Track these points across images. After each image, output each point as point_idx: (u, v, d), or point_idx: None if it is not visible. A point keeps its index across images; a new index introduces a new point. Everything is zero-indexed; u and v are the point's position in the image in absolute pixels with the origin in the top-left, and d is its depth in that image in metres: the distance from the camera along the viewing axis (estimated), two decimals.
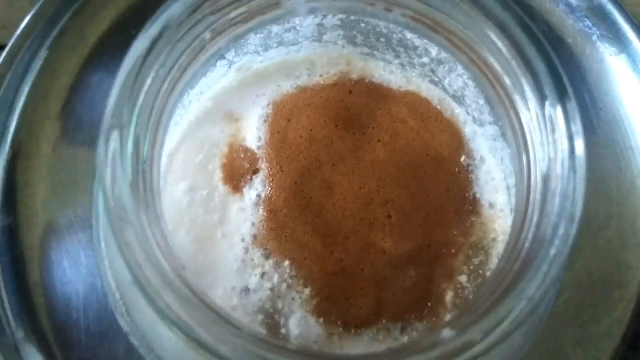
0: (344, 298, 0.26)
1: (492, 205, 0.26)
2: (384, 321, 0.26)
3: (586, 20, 0.43)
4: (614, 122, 0.41)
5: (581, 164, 0.18)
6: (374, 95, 0.29)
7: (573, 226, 0.17)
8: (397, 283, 0.26)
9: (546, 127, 0.18)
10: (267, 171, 0.28)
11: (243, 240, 0.27)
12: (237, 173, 0.28)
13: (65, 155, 0.39)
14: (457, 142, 0.28)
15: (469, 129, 0.27)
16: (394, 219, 0.27)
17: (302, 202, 0.27)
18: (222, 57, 0.25)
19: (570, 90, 0.19)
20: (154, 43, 0.17)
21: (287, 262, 0.26)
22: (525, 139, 0.20)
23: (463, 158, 0.28)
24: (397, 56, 0.27)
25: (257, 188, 0.28)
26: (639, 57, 0.40)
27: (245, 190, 0.28)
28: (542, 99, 0.19)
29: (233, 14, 0.20)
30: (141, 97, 0.17)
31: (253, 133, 0.29)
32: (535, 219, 0.18)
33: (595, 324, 0.37)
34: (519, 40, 0.20)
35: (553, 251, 0.17)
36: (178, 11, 0.18)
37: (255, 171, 0.28)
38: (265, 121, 0.29)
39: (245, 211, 0.27)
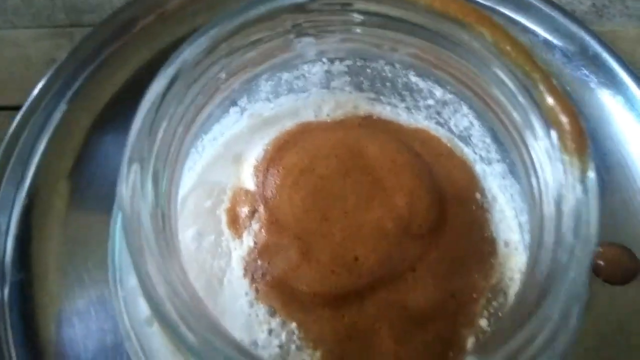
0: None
1: (506, 244, 0.26)
2: None
3: (582, 68, 0.44)
4: (618, 166, 0.41)
5: (592, 184, 0.18)
6: (383, 128, 0.28)
7: (589, 246, 0.17)
8: (418, 338, 0.24)
9: (555, 154, 0.19)
10: (262, 214, 0.26)
11: (247, 294, 0.25)
12: (238, 217, 0.27)
13: (77, 213, 0.40)
14: (471, 179, 0.27)
15: (478, 167, 0.28)
16: (419, 272, 0.25)
17: (304, 255, 0.25)
18: (235, 104, 0.26)
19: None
20: (172, 82, 0.18)
21: (293, 324, 0.24)
22: (535, 170, 0.20)
23: (478, 196, 0.27)
24: (403, 99, 0.28)
25: (254, 234, 0.26)
26: (636, 100, 0.41)
27: (245, 235, 0.27)
28: (549, 127, 0.19)
29: (246, 56, 0.21)
30: (160, 133, 0.18)
31: (250, 173, 0.28)
32: (550, 245, 0.18)
33: None
34: None
35: (571, 274, 0.17)
36: (195, 52, 0.19)
37: (253, 214, 0.27)
38: (262, 158, 0.28)
39: (245, 260, 0.26)
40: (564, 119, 0.18)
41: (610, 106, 0.42)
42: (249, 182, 0.28)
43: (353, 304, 0.24)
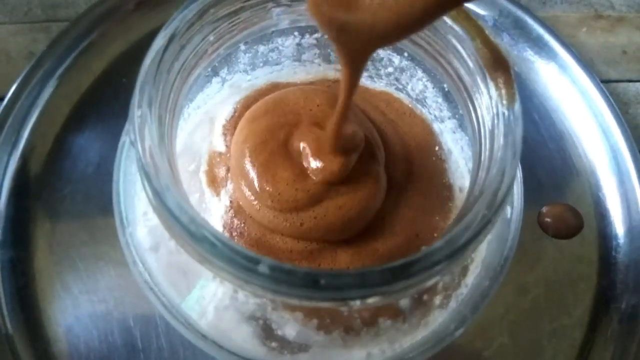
0: None
1: (461, 189, 0.29)
2: None
3: (528, 49, 0.49)
4: (563, 135, 0.46)
5: (518, 111, 0.21)
6: None
7: (516, 151, 0.20)
8: None
9: (491, 98, 0.22)
10: (231, 174, 0.28)
11: None
12: (216, 177, 0.28)
13: (61, 193, 0.42)
14: (430, 134, 0.30)
15: (434, 126, 0.31)
16: (387, 219, 0.27)
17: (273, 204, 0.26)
18: (217, 74, 0.29)
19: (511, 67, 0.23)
20: (170, 40, 0.21)
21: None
22: (477, 115, 0.24)
23: (437, 149, 0.30)
24: (366, 69, 0.32)
25: (230, 193, 0.28)
26: (577, 77, 0.46)
27: (222, 194, 0.28)
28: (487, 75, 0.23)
29: (231, 21, 0.24)
30: (161, 84, 0.20)
31: (220, 133, 0.29)
32: (486, 163, 0.21)
33: (566, 316, 0.40)
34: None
35: (499, 175, 0.20)
36: (187, 16, 0.22)
37: (228, 173, 0.28)
38: (230, 117, 0.29)
39: (223, 219, 0.27)
40: (495, 62, 0.22)
41: (553, 82, 0.47)
42: (220, 143, 0.29)
43: (327, 255, 0.26)
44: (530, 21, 0.49)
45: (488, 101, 0.22)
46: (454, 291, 0.24)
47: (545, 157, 0.45)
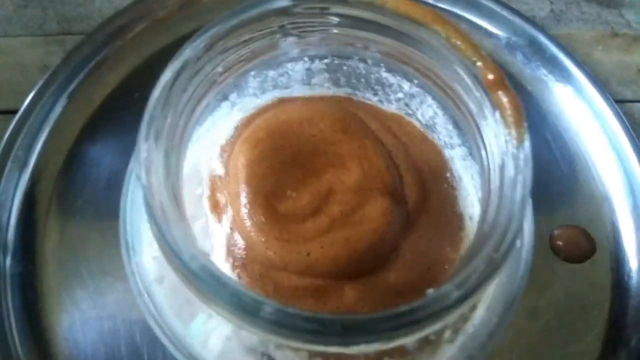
0: None
1: (470, 218, 0.29)
2: None
3: (541, 68, 0.48)
4: (575, 156, 0.45)
5: (528, 151, 0.21)
6: (363, 109, 0.30)
7: (524, 197, 0.20)
8: None
9: (499, 131, 0.22)
10: (228, 199, 0.27)
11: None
12: (218, 202, 0.28)
13: (72, 209, 0.42)
14: (441, 160, 0.30)
15: (445, 152, 0.31)
16: (401, 250, 0.26)
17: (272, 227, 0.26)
18: (226, 99, 0.29)
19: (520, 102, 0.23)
20: (178, 73, 0.21)
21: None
22: (485, 147, 0.23)
23: (448, 175, 0.30)
24: (376, 94, 0.32)
25: (231, 219, 0.27)
26: (590, 97, 0.45)
27: (224, 220, 0.27)
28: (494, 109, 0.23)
29: (239, 53, 0.24)
30: (168, 117, 0.20)
31: (217, 155, 0.29)
32: (495, 202, 0.21)
33: (577, 343, 0.40)
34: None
35: (508, 217, 0.20)
36: (196, 49, 0.22)
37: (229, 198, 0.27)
38: (230, 138, 0.29)
39: (225, 246, 0.27)
40: (504, 100, 0.22)
41: (567, 102, 0.47)
42: (218, 165, 0.29)
43: (334, 292, 0.25)
44: (544, 40, 0.48)
45: (498, 138, 0.22)
46: (463, 326, 0.24)
47: (557, 179, 0.44)
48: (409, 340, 0.19)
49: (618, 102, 0.48)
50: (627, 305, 0.40)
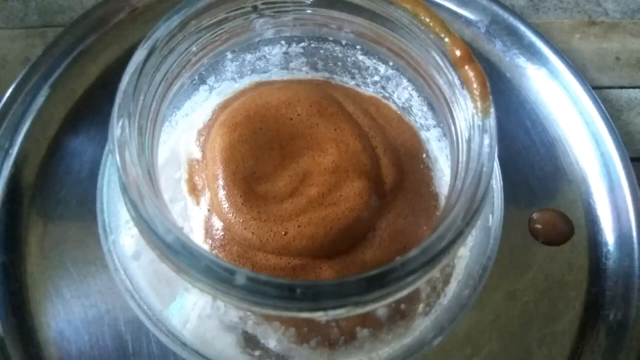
0: None
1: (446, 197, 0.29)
2: None
3: (520, 56, 0.49)
4: (554, 141, 0.46)
5: (492, 123, 0.21)
6: (341, 92, 0.30)
7: (491, 164, 0.20)
8: None
9: (467, 109, 0.22)
10: (205, 182, 0.27)
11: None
12: (195, 185, 0.28)
13: (54, 199, 0.42)
14: (418, 142, 0.30)
15: (421, 133, 0.31)
16: (378, 230, 0.27)
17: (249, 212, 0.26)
18: (204, 82, 0.29)
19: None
20: (150, 52, 0.21)
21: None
22: (456, 125, 0.24)
23: (424, 156, 0.30)
24: (353, 77, 0.32)
25: (208, 201, 0.27)
26: (568, 83, 0.46)
27: (202, 202, 0.28)
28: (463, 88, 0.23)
29: (213, 33, 0.24)
30: (142, 96, 0.21)
31: (194, 139, 0.29)
32: (462, 172, 0.21)
33: (556, 322, 0.40)
34: None
35: (473, 186, 0.20)
36: (168, 28, 0.22)
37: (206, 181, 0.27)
38: (207, 121, 0.28)
39: (203, 228, 0.27)
40: (471, 74, 0.22)
41: (545, 89, 0.47)
42: (195, 149, 0.29)
43: (311, 270, 0.26)
44: (522, 28, 0.49)
45: (465, 112, 0.22)
46: (436, 300, 0.24)
47: (536, 164, 0.45)
48: (378, 305, 0.19)
49: (596, 89, 0.48)
50: (604, 284, 0.41)
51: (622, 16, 0.54)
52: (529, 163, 0.45)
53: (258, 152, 0.27)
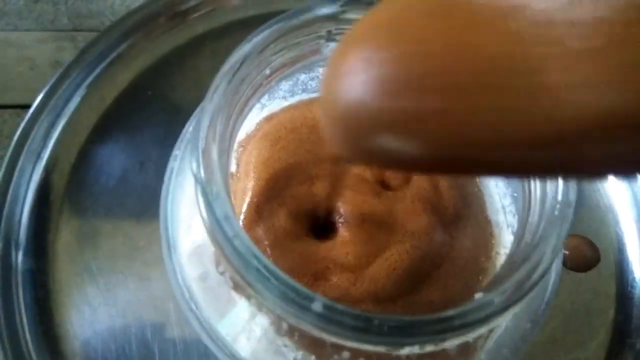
0: None
1: (496, 224, 0.29)
2: None
3: None
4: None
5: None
6: None
7: (569, 210, 0.21)
8: None
9: None
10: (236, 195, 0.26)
11: None
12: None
13: (83, 206, 0.42)
14: None
15: None
16: (443, 266, 0.25)
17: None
18: (258, 101, 0.29)
19: None
20: (232, 76, 0.21)
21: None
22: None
23: (477, 180, 0.29)
24: None
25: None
26: None
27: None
28: None
29: (286, 56, 0.24)
30: (222, 121, 0.21)
31: (233, 150, 0.27)
32: (537, 213, 0.21)
33: (582, 349, 0.41)
34: None
35: (557, 229, 0.20)
36: (247, 51, 0.22)
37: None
38: (250, 132, 0.28)
39: None
40: None
41: None
42: (232, 161, 0.28)
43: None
44: None
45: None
46: (494, 332, 0.24)
47: None
48: (450, 344, 0.19)
49: None
50: (631, 312, 0.41)
51: None
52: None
53: (298, 170, 0.26)
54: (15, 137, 0.42)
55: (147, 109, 0.46)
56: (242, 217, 0.25)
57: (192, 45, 0.46)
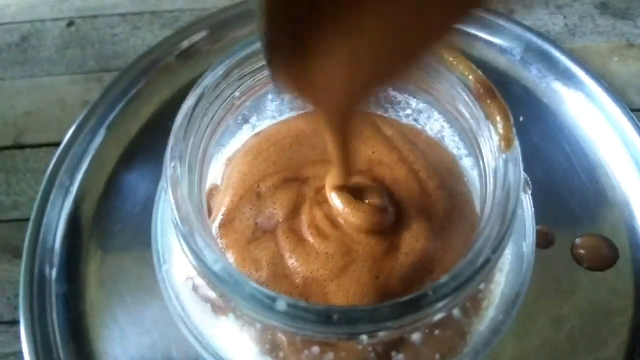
0: None
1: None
2: None
3: (556, 81, 0.49)
4: (595, 166, 0.46)
5: (515, 157, 0.22)
6: (379, 118, 0.31)
7: (517, 194, 0.21)
8: None
9: (493, 141, 0.23)
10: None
11: None
12: (210, 210, 0.28)
13: (111, 232, 0.45)
14: (457, 166, 0.30)
15: None
16: (435, 274, 0.26)
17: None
18: (247, 122, 0.32)
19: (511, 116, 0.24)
20: (199, 99, 0.24)
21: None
22: (483, 157, 0.25)
23: (465, 180, 0.30)
24: (386, 111, 0.34)
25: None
26: (604, 106, 0.46)
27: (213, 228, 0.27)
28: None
29: (254, 79, 0.26)
30: (191, 139, 0.23)
31: (222, 165, 0.30)
32: (491, 201, 0.22)
33: (602, 349, 0.40)
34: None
35: (499, 217, 0.21)
36: (214, 77, 0.24)
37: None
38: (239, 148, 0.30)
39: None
40: (494, 109, 0.23)
41: (583, 113, 0.47)
42: (219, 175, 0.30)
43: None
44: (557, 54, 0.49)
45: (491, 144, 0.23)
46: (472, 325, 0.25)
47: (577, 189, 0.45)
48: (413, 329, 0.20)
49: (636, 111, 0.48)
50: None
51: None
52: (569, 188, 0.45)
53: (278, 183, 0.27)
54: (48, 172, 0.46)
55: (168, 139, 0.49)
56: (215, 225, 0.27)
57: None
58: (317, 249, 0.25)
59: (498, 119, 0.23)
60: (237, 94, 0.26)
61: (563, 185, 0.45)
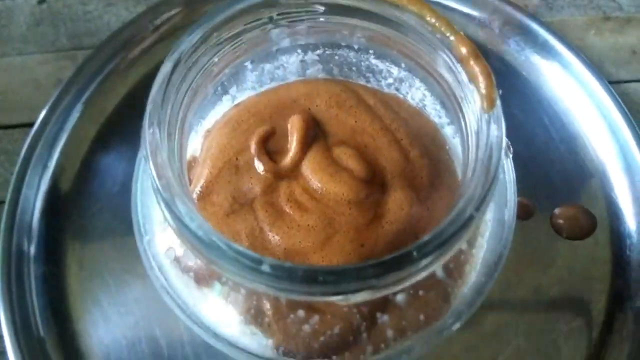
0: None
1: None
2: None
3: (535, 54, 0.49)
4: (573, 136, 0.46)
5: (497, 118, 0.22)
6: (363, 87, 0.31)
7: (498, 154, 0.21)
8: None
9: (475, 103, 0.23)
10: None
11: None
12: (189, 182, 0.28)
13: (90, 212, 0.44)
14: (439, 134, 0.30)
15: None
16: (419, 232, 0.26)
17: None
18: (227, 93, 0.31)
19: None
20: (175, 65, 0.23)
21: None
22: (466, 122, 0.25)
23: (447, 147, 0.30)
24: (368, 80, 0.33)
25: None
26: (583, 78, 0.46)
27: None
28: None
29: (233, 43, 0.26)
30: (169, 106, 0.22)
31: (201, 136, 0.30)
32: (473, 163, 0.22)
33: (582, 316, 0.41)
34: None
35: (481, 176, 0.21)
36: (191, 41, 0.24)
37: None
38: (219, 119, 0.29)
39: None
40: (477, 69, 0.23)
41: (562, 85, 0.48)
42: (198, 146, 0.30)
43: None
44: (535, 27, 0.49)
45: (473, 106, 0.23)
46: (455, 287, 0.25)
47: (557, 160, 0.45)
48: (396, 289, 0.20)
49: (614, 83, 0.49)
50: (629, 277, 0.41)
51: (637, 10, 0.54)
52: (549, 159, 0.45)
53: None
54: (22, 153, 0.44)
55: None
56: (194, 197, 0.27)
57: None
58: (298, 222, 0.25)
59: (480, 79, 0.23)
60: (216, 59, 0.25)
61: (542, 157, 0.46)
